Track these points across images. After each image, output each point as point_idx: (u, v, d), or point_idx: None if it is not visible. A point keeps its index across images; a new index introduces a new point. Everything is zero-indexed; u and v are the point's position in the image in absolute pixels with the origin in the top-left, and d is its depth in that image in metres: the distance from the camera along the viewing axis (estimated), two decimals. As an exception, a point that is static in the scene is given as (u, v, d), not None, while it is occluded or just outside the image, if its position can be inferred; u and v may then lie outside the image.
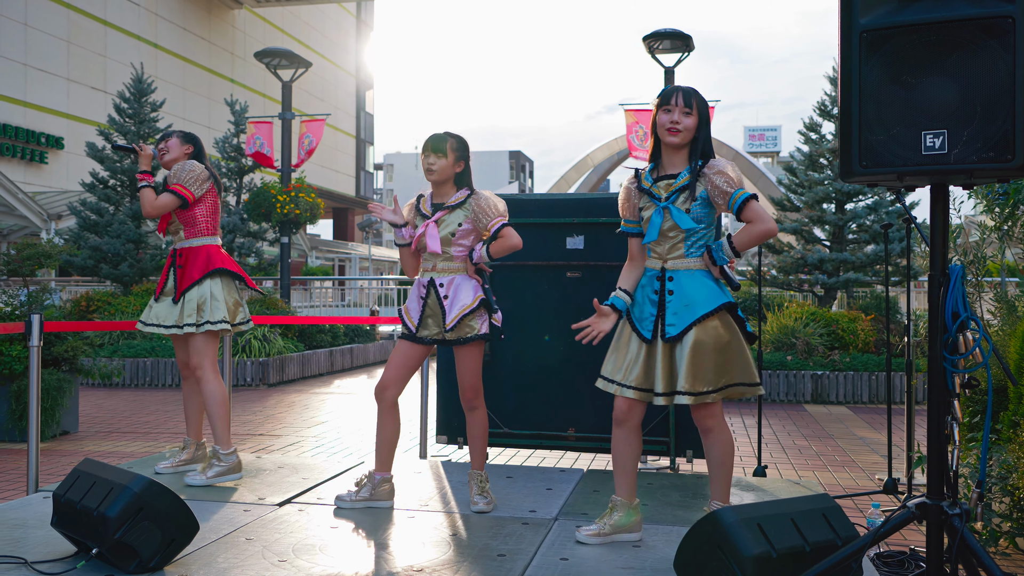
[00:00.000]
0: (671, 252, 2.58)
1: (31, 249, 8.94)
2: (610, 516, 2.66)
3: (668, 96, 2.56)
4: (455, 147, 2.98)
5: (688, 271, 2.56)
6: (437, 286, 2.98)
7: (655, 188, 2.60)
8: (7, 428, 5.55)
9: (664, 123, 2.55)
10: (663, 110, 2.56)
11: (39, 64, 20.77)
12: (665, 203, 2.55)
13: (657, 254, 2.61)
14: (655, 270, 2.60)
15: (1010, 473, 2.92)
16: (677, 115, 2.53)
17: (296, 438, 5.78)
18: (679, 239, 2.56)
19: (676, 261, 2.57)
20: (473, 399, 3.02)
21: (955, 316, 2.01)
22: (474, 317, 2.96)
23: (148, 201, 3.37)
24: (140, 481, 2.37)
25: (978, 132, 1.93)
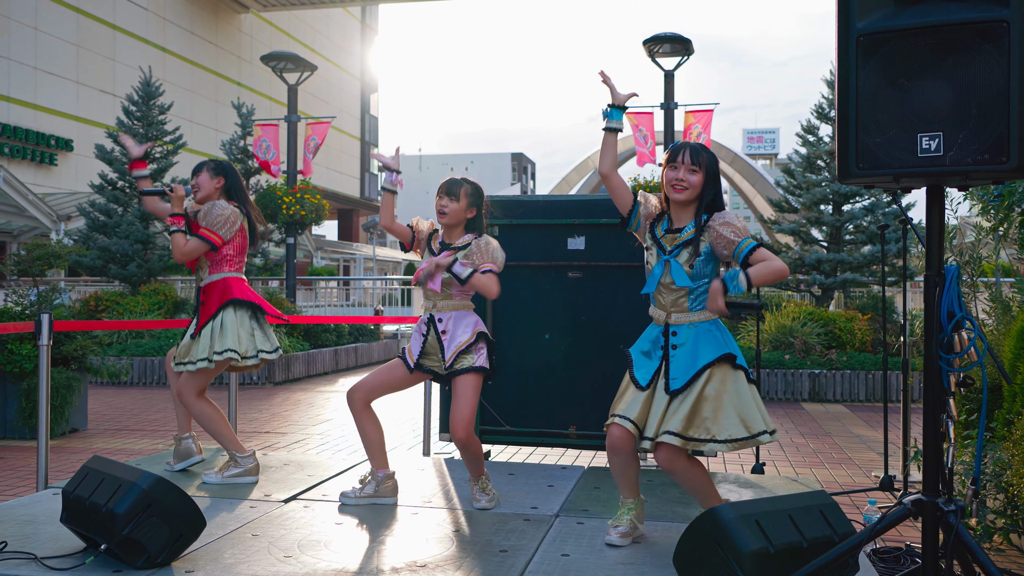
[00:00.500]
0: (674, 306, 2.59)
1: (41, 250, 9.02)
2: (627, 514, 2.69)
3: (675, 153, 2.57)
4: (469, 193, 2.99)
5: (691, 324, 2.56)
6: (436, 322, 3.00)
7: (664, 239, 2.61)
8: (17, 426, 5.61)
9: (670, 180, 2.56)
10: (670, 167, 2.57)
11: (49, 67, 20.91)
12: (668, 256, 2.56)
13: (661, 306, 2.62)
14: (660, 325, 2.62)
15: (1004, 470, 2.94)
16: (683, 173, 2.54)
17: (301, 436, 5.83)
18: (682, 294, 2.57)
19: (680, 315, 2.58)
20: (465, 436, 2.91)
21: (950, 316, 2.04)
22: (471, 352, 2.96)
23: (179, 247, 3.30)
24: (148, 478, 2.40)
25: (973, 134, 1.95)
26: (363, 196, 38.53)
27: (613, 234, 4.13)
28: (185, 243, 3.32)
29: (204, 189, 3.42)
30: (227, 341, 3.32)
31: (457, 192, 2.97)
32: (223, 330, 3.34)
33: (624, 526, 2.66)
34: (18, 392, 5.60)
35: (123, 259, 11.58)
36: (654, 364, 2.58)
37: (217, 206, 3.36)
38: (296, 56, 12.06)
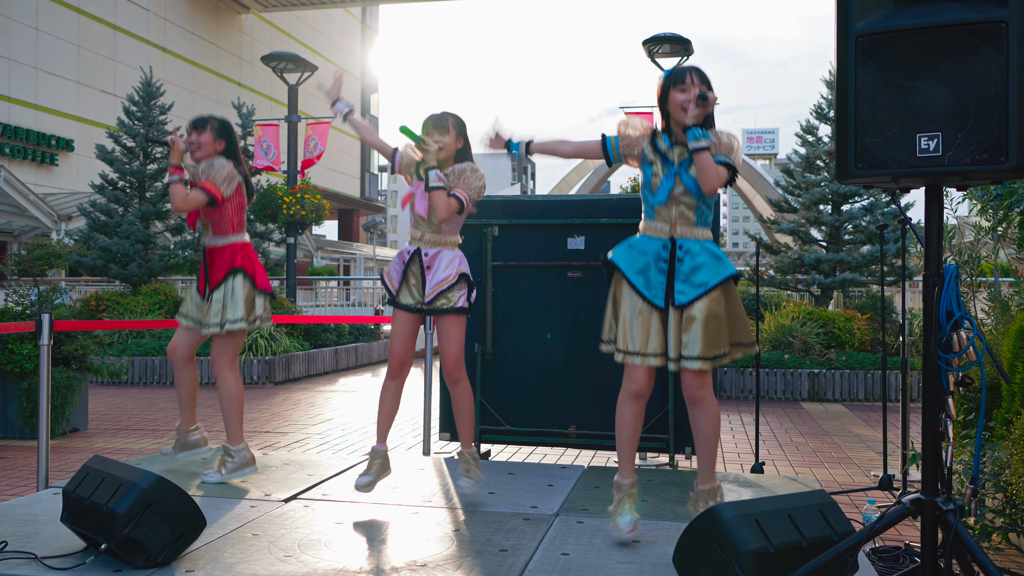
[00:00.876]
0: (680, 219, 2.61)
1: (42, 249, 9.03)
2: (628, 501, 2.70)
3: (682, 75, 2.60)
4: (456, 124, 3.03)
5: (696, 240, 2.61)
6: (422, 255, 3.02)
7: (670, 152, 2.63)
8: (18, 425, 5.62)
9: (681, 102, 2.58)
10: (678, 89, 2.60)
11: (50, 68, 20.93)
12: (678, 168, 2.60)
13: (664, 219, 2.63)
14: (663, 238, 2.62)
15: (1003, 470, 2.95)
16: (695, 92, 2.58)
17: (302, 435, 5.84)
18: (688, 207, 2.61)
19: (685, 229, 2.62)
20: (454, 370, 3.02)
21: (949, 315, 2.04)
22: (452, 290, 2.99)
23: (179, 196, 3.30)
24: (148, 478, 2.40)
25: (972, 135, 1.95)
26: (363, 196, 38.54)
27: (613, 234, 4.13)
28: (185, 194, 3.32)
29: (205, 149, 3.40)
30: (238, 310, 3.37)
31: (446, 125, 3.00)
32: (234, 298, 3.37)
33: (629, 515, 2.67)
34: (19, 392, 5.60)
35: (124, 259, 11.59)
36: (660, 280, 2.58)
37: (217, 163, 3.38)
38: (296, 56, 12.07)
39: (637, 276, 2.61)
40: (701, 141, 2.51)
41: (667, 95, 2.63)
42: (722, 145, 2.60)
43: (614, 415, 2.71)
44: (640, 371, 2.60)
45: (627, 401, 2.66)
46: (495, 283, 4.34)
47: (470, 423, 3.15)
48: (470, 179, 2.97)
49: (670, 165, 2.62)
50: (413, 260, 3.04)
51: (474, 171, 2.99)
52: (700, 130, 2.53)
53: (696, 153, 2.52)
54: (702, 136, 2.52)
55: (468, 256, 3.12)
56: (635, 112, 10.76)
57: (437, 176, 2.89)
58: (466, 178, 2.97)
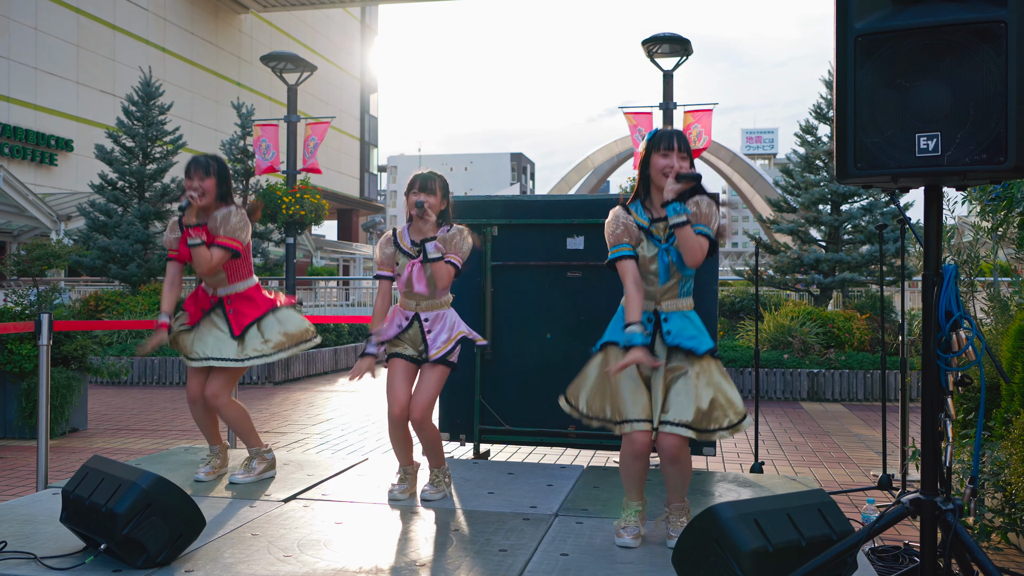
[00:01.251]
0: (665, 294, 2.62)
1: (41, 250, 9.03)
2: (634, 515, 2.70)
3: (664, 140, 2.58)
4: (442, 185, 3.07)
5: (681, 312, 2.62)
6: (422, 320, 3.08)
7: (653, 229, 2.62)
8: (17, 425, 5.62)
9: (663, 167, 2.56)
10: (660, 154, 2.58)
11: (49, 68, 20.92)
12: (666, 245, 2.58)
13: (648, 295, 2.63)
14: (647, 311, 2.62)
15: (1002, 469, 2.95)
16: (675, 160, 2.56)
17: (301, 435, 5.84)
18: (675, 281, 2.61)
19: (670, 302, 2.62)
20: (421, 419, 3.01)
21: (948, 315, 2.04)
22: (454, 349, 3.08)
23: (206, 260, 3.23)
24: (148, 478, 2.40)
25: (971, 134, 1.95)
26: (363, 196, 38.54)
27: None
28: (211, 256, 3.26)
29: (210, 195, 3.33)
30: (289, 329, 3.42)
31: (433, 187, 3.03)
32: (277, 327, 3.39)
33: (634, 527, 2.67)
34: (18, 392, 5.60)
35: (123, 259, 11.59)
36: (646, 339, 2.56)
37: (232, 214, 3.33)
38: (296, 56, 12.06)
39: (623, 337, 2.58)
40: (681, 216, 2.48)
41: (649, 158, 2.62)
42: (701, 215, 2.57)
43: None
44: (636, 435, 2.57)
45: (631, 461, 2.64)
46: (494, 283, 4.34)
47: (438, 455, 3.20)
48: (460, 244, 3.05)
49: (657, 243, 2.61)
50: (412, 324, 3.09)
51: (462, 234, 3.06)
52: (679, 204, 2.50)
53: (677, 229, 2.49)
54: (682, 211, 2.49)
55: (467, 256, 3.14)
56: (633, 112, 10.76)
57: (435, 247, 2.97)
58: (456, 243, 3.04)
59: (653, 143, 2.61)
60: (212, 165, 3.34)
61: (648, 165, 2.62)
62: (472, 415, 4.35)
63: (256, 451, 3.48)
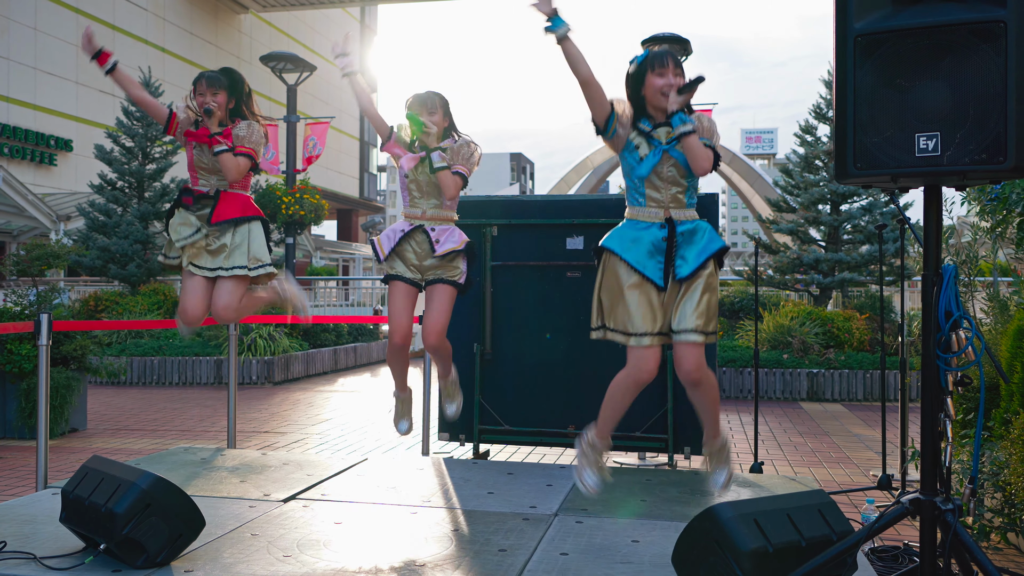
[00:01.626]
0: (672, 202, 2.63)
1: (40, 250, 9.02)
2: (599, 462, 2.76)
3: (659, 59, 2.59)
4: (442, 103, 3.10)
5: (690, 220, 2.65)
6: (428, 231, 3.08)
7: (654, 133, 2.63)
8: (17, 425, 5.62)
9: (660, 86, 2.58)
10: (656, 73, 2.59)
11: (48, 68, 20.91)
12: (666, 146, 2.59)
13: (656, 202, 2.63)
14: (657, 221, 2.62)
15: (1002, 469, 2.95)
16: (672, 77, 2.58)
17: (301, 435, 5.83)
18: (680, 189, 2.62)
19: (679, 211, 2.64)
20: (437, 343, 3.08)
21: (948, 315, 2.04)
22: (458, 258, 3.08)
23: (235, 166, 3.29)
24: (147, 478, 2.40)
25: (970, 134, 1.96)
26: (362, 196, 38.54)
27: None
28: (236, 161, 3.31)
29: (223, 110, 3.37)
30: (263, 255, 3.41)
31: (435, 105, 3.06)
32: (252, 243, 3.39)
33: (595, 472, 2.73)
34: (17, 392, 5.60)
35: (122, 259, 11.59)
36: (659, 259, 2.58)
37: (254, 127, 3.41)
38: (295, 56, 12.06)
39: (634, 257, 2.59)
40: (688, 125, 2.53)
41: (643, 79, 2.61)
42: (704, 128, 2.63)
43: None
44: (651, 354, 2.57)
45: (631, 387, 2.63)
46: (494, 283, 4.34)
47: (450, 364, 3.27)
48: (468, 154, 3.07)
49: (657, 143, 2.62)
50: (414, 234, 3.06)
51: (469, 145, 3.09)
52: (683, 114, 2.56)
53: (684, 137, 2.54)
54: (688, 120, 2.55)
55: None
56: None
57: (440, 157, 2.99)
58: (464, 154, 3.06)
59: (649, 63, 2.61)
60: (223, 80, 3.38)
61: (642, 86, 2.62)
62: (472, 415, 4.35)
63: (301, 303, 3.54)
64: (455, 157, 3.04)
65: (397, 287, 3.09)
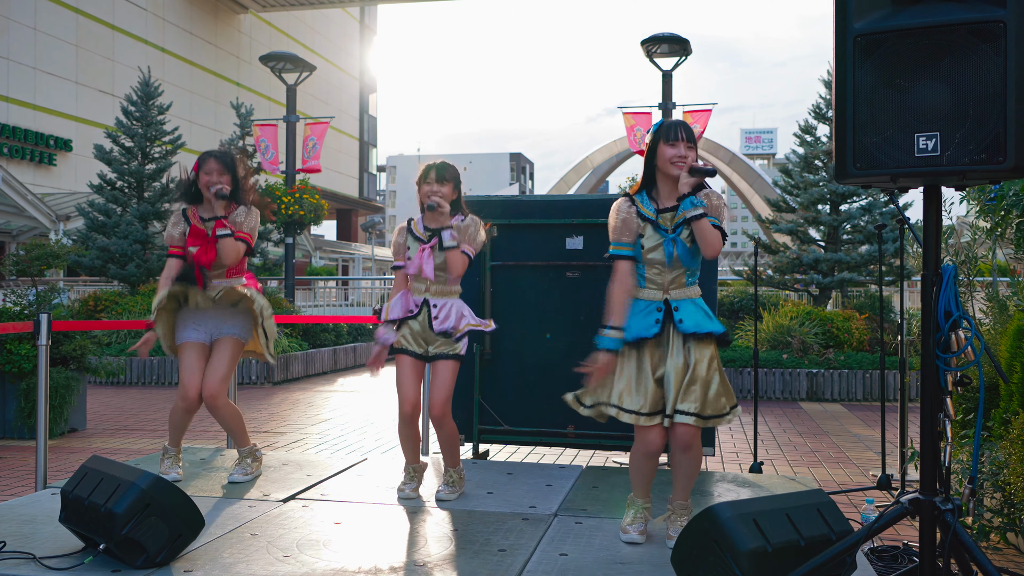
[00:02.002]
0: (673, 283, 2.63)
1: (40, 250, 9.01)
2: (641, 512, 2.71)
3: (671, 130, 2.61)
4: (453, 176, 3.12)
5: (690, 300, 2.63)
6: (431, 306, 3.09)
7: (660, 219, 2.63)
8: (16, 425, 5.62)
9: (671, 156, 2.59)
10: (668, 144, 2.60)
11: (48, 68, 20.91)
12: (673, 235, 2.59)
13: (657, 285, 2.63)
14: (656, 301, 2.62)
15: (1001, 469, 2.95)
16: (683, 149, 2.59)
17: (300, 435, 5.83)
18: (682, 272, 2.62)
19: (679, 291, 2.63)
20: (441, 415, 3.05)
21: (947, 315, 2.04)
22: (455, 339, 3.08)
23: (234, 251, 3.32)
24: (147, 478, 2.40)
25: (970, 134, 1.96)
26: (362, 196, 38.54)
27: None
28: (233, 247, 3.34)
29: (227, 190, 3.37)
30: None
31: (447, 176, 3.09)
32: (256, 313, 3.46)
33: (641, 523, 2.70)
34: (17, 392, 5.60)
35: (122, 259, 11.58)
36: (655, 328, 2.58)
37: (253, 213, 3.44)
38: (295, 56, 12.07)
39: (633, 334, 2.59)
40: (698, 209, 2.52)
41: (655, 149, 2.64)
42: (712, 207, 2.59)
43: None
44: (655, 431, 2.58)
45: (643, 460, 2.65)
46: (494, 283, 4.34)
47: (454, 454, 3.22)
48: (475, 234, 3.11)
49: (663, 233, 2.61)
50: (421, 310, 3.09)
51: (476, 224, 3.12)
52: (694, 198, 2.54)
53: (695, 222, 2.53)
54: (699, 204, 2.53)
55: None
56: (632, 112, 10.78)
57: (451, 236, 3.03)
58: (471, 233, 3.10)
59: (660, 133, 2.64)
60: (226, 161, 3.42)
61: (655, 155, 2.65)
62: (471, 415, 4.35)
63: (248, 450, 3.52)
64: (462, 236, 3.08)
65: (403, 361, 3.10)
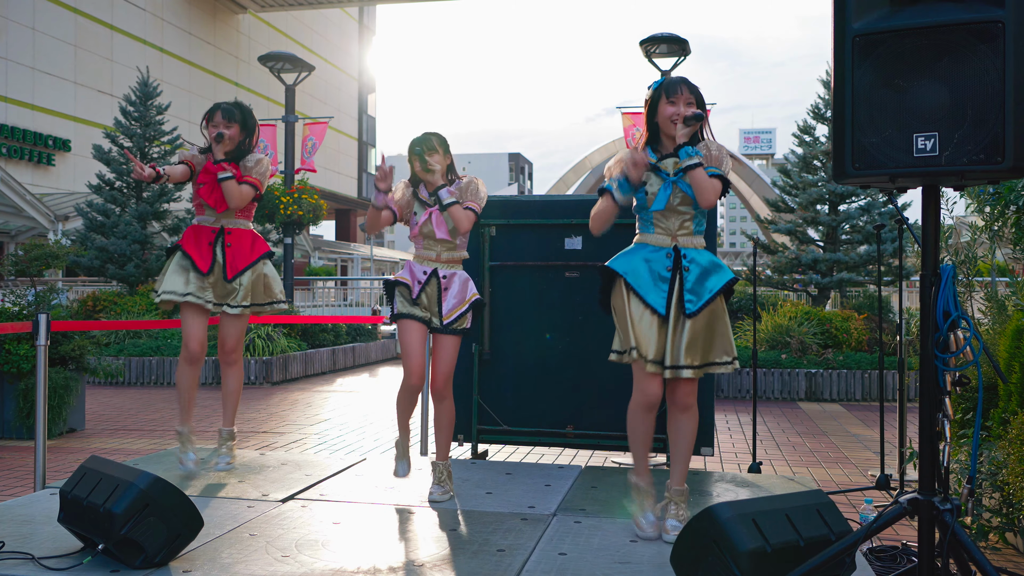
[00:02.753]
0: (680, 229, 2.65)
1: (38, 250, 9.01)
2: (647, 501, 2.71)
3: (672, 87, 2.63)
4: (440, 143, 3.14)
5: (697, 249, 2.66)
6: (440, 277, 3.12)
7: (662, 164, 2.66)
8: (15, 426, 5.61)
9: (670, 114, 2.62)
10: (668, 102, 2.63)
11: (47, 68, 20.89)
12: (674, 178, 2.62)
13: (664, 230, 2.66)
14: (666, 247, 2.64)
15: (1000, 469, 2.96)
16: (683, 106, 2.61)
17: (299, 435, 5.83)
18: (688, 217, 2.64)
19: (687, 238, 2.65)
20: (443, 388, 3.13)
21: (946, 315, 2.04)
22: (466, 314, 3.13)
23: (238, 194, 3.41)
24: (146, 478, 2.40)
25: (969, 134, 1.96)
26: (360, 196, 38.53)
27: (610, 234, 4.13)
28: (241, 191, 3.43)
29: (234, 142, 3.48)
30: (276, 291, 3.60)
31: (434, 145, 3.11)
32: (271, 279, 3.57)
33: (651, 513, 2.69)
34: (16, 392, 5.59)
35: (121, 259, 11.57)
36: (663, 288, 2.59)
37: (263, 161, 3.52)
38: (294, 56, 12.06)
39: (641, 284, 2.61)
40: (693, 158, 2.56)
41: (656, 106, 2.66)
42: (712, 157, 2.64)
43: (611, 414, 2.72)
44: (656, 381, 2.61)
45: (641, 412, 2.66)
46: (493, 283, 4.34)
47: (448, 438, 3.25)
48: (476, 191, 3.13)
49: (665, 176, 2.65)
50: (430, 281, 3.11)
51: (476, 183, 3.16)
52: (690, 147, 2.57)
53: (690, 171, 2.56)
54: (694, 153, 2.56)
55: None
56: (631, 112, 10.78)
57: (449, 192, 3.06)
58: (473, 190, 3.13)
59: (662, 91, 2.64)
60: (236, 113, 3.48)
61: (655, 113, 2.66)
62: (470, 415, 4.35)
63: (230, 432, 3.64)
64: (463, 194, 3.11)
65: (409, 328, 3.08)
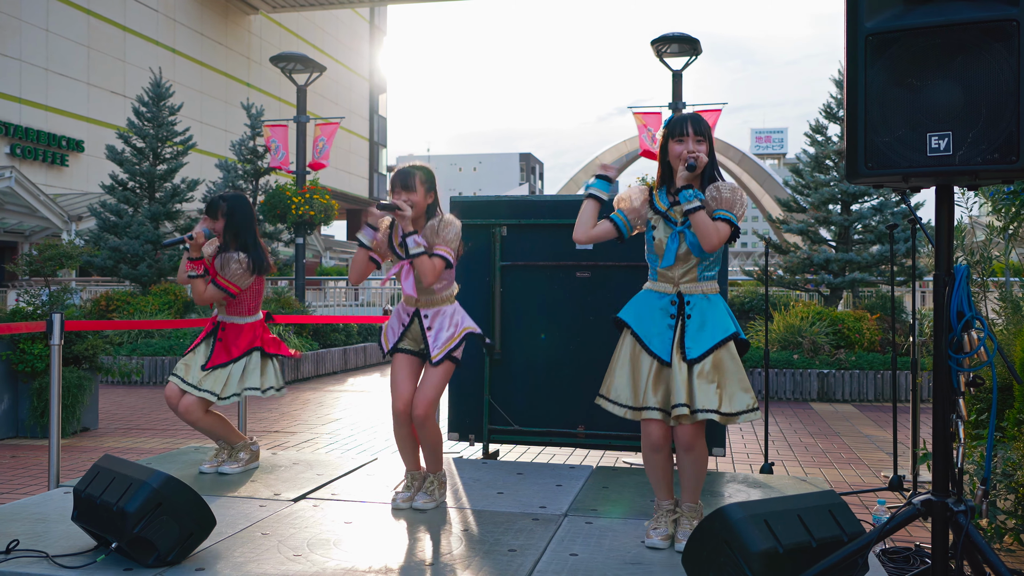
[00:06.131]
0: (684, 276, 2.61)
1: (52, 250, 9.09)
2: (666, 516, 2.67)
3: (679, 126, 2.59)
4: (424, 180, 2.91)
5: (703, 295, 2.60)
6: (421, 316, 2.99)
7: (671, 212, 2.62)
8: (29, 425, 5.67)
9: (678, 153, 2.58)
10: (676, 140, 2.59)
11: (60, 69, 21.07)
12: (681, 227, 2.58)
13: (668, 278, 2.62)
14: (669, 294, 2.61)
15: (1015, 470, 2.93)
16: (692, 144, 2.57)
17: (311, 435, 5.86)
18: (693, 264, 2.60)
19: (690, 285, 2.60)
20: (424, 415, 2.92)
21: (960, 315, 2.03)
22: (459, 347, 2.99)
23: (200, 293, 3.46)
24: (159, 477, 2.42)
25: (983, 134, 1.94)
26: (372, 196, 38.65)
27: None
28: (204, 290, 3.46)
29: (220, 235, 3.52)
30: (248, 381, 3.53)
31: (413, 183, 2.88)
32: (246, 373, 3.52)
33: (664, 528, 2.64)
34: (30, 391, 5.65)
35: (133, 259, 11.66)
36: (668, 336, 2.57)
37: (234, 259, 3.45)
38: (305, 57, 12.12)
39: (643, 331, 2.59)
40: (693, 202, 2.48)
41: (666, 146, 2.63)
42: (723, 200, 2.55)
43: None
44: (653, 424, 2.57)
45: (648, 453, 2.63)
46: (503, 283, 4.34)
47: (435, 456, 3.08)
48: (445, 232, 2.89)
49: (672, 225, 2.60)
50: (413, 320, 3.00)
51: (445, 223, 2.90)
52: (691, 190, 2.50)
53: (691, 214, 2.49)
54: (693, 197, 2.49)
55: (476, 256, 3.10)
56: (642, 112, 10.76)
57: (415, 243, 2.82)
58: (441, 232, 2.89)
59: (669, 130, 2.63)
60: (222, 206, 3.48)
61: (666, 153, 2.64)
62: (481, 415, 4.36)
63: (242, 444, 3.63)
64: (434, 237, 2.87)
65: (399, 359, 3.02)
